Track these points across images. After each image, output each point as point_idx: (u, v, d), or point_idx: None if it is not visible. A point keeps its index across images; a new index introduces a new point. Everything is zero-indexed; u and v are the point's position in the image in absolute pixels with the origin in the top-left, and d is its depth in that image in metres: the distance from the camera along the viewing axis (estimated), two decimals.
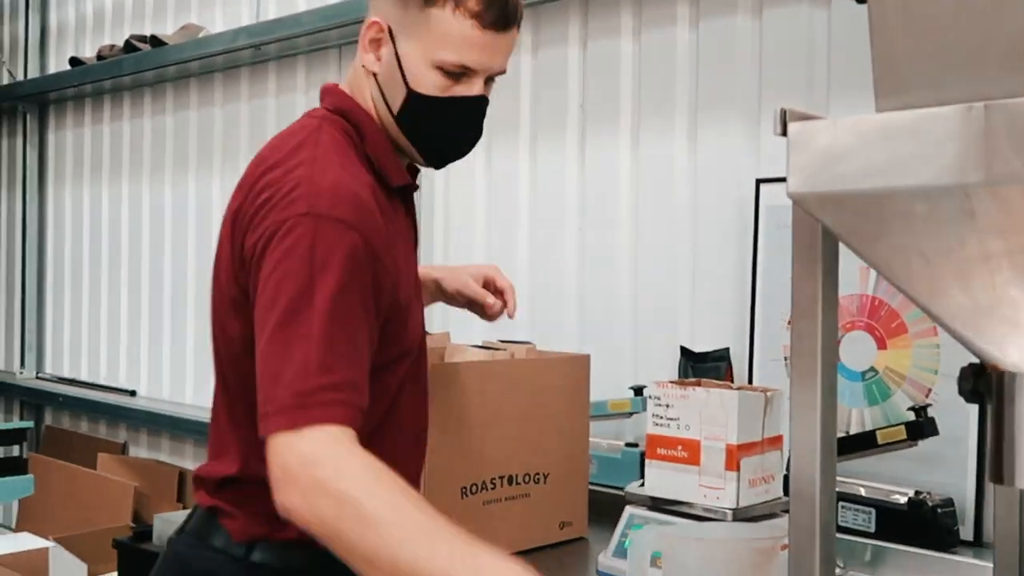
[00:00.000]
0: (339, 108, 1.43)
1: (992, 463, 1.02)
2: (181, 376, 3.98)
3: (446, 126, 1.42)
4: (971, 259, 0.95)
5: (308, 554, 1.30)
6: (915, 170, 0.95)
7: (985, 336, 1.00)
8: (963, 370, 1.06)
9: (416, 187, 1.53)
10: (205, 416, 3.59)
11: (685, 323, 2.49)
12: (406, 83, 1.38)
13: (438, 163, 1.50)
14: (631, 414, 2.52)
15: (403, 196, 1.50)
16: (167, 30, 3.93)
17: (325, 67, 3.49)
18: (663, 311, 2.52)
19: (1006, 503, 1.54)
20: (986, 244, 0.93)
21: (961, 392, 1.07)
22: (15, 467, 2.30)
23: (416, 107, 1.39)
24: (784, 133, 1.05)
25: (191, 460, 3.84)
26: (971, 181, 0.91)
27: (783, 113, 1.06)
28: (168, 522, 2.28)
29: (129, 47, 3.81)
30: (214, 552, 1.42)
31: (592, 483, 2.24)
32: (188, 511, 1.57)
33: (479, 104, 1.42)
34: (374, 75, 1.41)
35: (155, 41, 3.69)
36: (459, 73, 1.37)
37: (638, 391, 2.50)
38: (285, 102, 3.61)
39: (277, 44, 3.45)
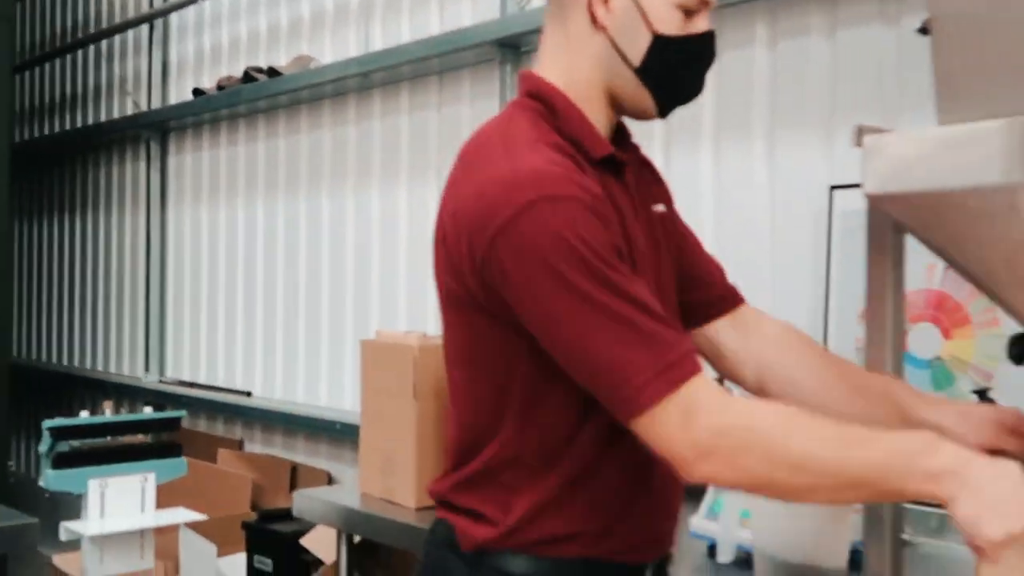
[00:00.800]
0: (531, 91, 1.39)
1: None
2: (293, 377, 4.30)
3: (691, 66, 1.38)
4: (1014, 244, 1.18)
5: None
6: (970, 172, 1.18)
7: None
8: (1012, 337, 1.28)
9: (623, 161, 1.41)
10: (317, 413, 3.94)
11: None
12: (650, 27, 1.33)
13: (669, 110, 1.42)
14: None
15: (614, 171, 1.39)
16: (280, 61, 4.27)
17: (426, 92, 3.79)
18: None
19: None
20: None
21: (1010, 355, 1.29)
22: (171, 451, 2.60)
23: (664, 51, 1.34)
24: (859, 144, 1.29)
25: (303, 454, 4.17)
26: (1015, 180, 1.14)
27: (858, 129, 1.30)
28: (309, 498, 2.57)
29: (248, 77, 4.15)
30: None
31: None
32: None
33: (713, 39, 1.40)
34: (603, 30, 1.35)
35: (272, 72, 4.03)
36: (694, 9, 1.35)
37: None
38: (389, 124, 3.92)
39: (383, 72, 3.76)
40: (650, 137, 2.98)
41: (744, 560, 1.90)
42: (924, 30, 1.28)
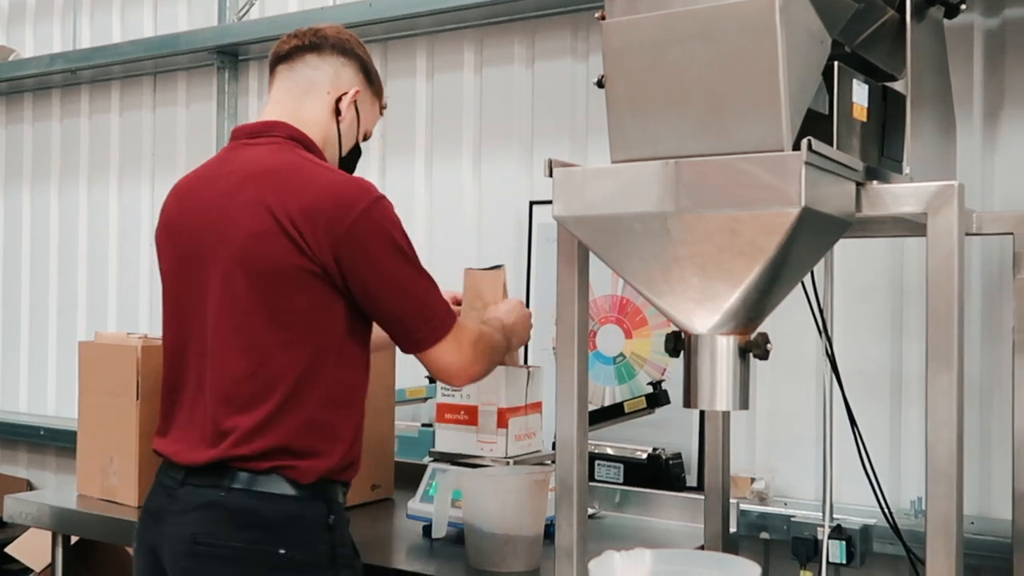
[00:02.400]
0: (293, 136, 1.94)
1: (684, 394, 1.54)
2: (15, 386, 4.12)
3: (355, 163, 2.15)
4: (668, 260, 1.47)
5: None
6: (633, 202, 1.46)
7: (679, 311, 1.52)
8: (667, 335, 1.58)
9: None
10: (15, 419, 3.79)
11: None
12: (357, 137, 2.10)
13: None
14: (426, 399, 2.95)
15: None
16: None
17: (139, 92, 3.76)
18: None
19: (713, 456, 2.10)
20: (676, 250, 1.45)
21: (666, 349, 1.58)
22: None
23: (355, 152, 2.11)
24: (551, 175, 1.55)
25: (24, 467, 4.00)
26: (666, 210, 1.43)
27: (550, 162, 1.55)
28: (22, 501, 2.54)
29: None
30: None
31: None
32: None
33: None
34: (338, 123, 2.02)
35: None
36: (368, 135, 2.16)
37: (432, 380, 2.94)
38: (99, 122, 3.85)
39: (91, 70, 3.70)
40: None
41: (456, 536, 2.12)
42: (600, 83, 1.56)
